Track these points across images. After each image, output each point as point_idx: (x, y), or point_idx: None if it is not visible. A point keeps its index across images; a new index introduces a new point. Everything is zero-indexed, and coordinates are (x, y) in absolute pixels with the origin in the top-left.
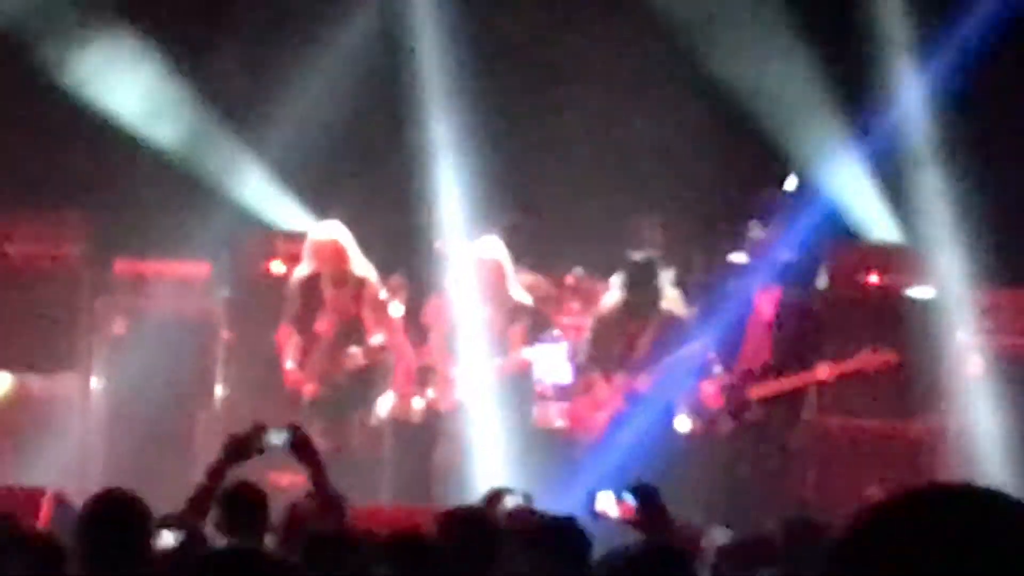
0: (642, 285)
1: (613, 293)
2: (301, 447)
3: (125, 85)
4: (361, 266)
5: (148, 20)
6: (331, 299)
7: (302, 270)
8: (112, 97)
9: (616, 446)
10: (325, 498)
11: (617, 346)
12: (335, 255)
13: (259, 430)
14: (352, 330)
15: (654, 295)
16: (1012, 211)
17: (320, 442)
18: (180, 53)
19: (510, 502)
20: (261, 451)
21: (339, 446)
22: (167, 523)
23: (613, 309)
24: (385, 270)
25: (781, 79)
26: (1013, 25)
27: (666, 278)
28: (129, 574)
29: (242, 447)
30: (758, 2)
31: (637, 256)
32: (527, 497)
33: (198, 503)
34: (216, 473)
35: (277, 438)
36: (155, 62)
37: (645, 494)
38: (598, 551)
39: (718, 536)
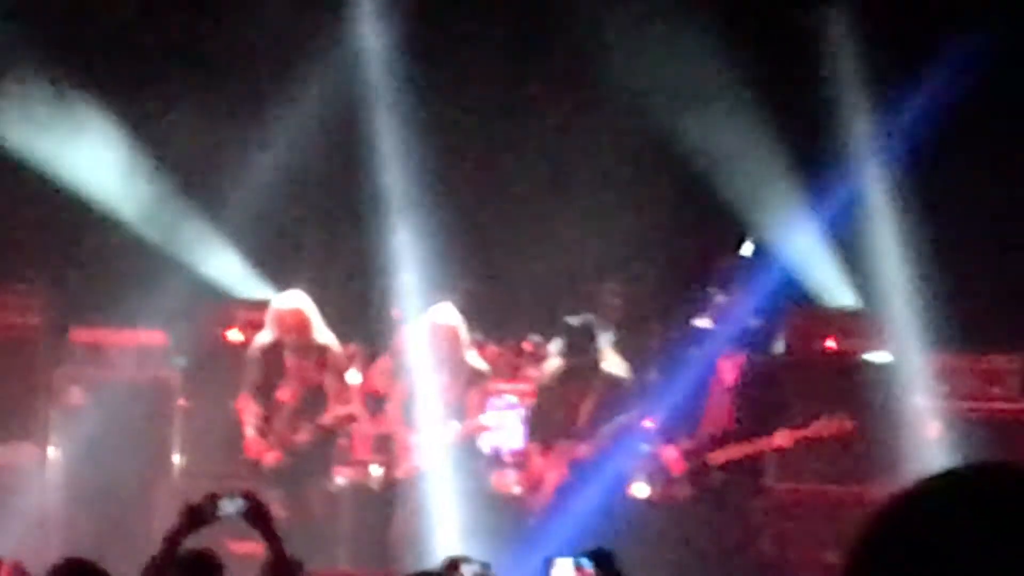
0: (581, 349)
1: (553, 360)
2: (256, 515)
3: (82, 157)
4: (324, 335)
5: (105, 92)
6: (293, 367)
7: (263, 338)
8: (69, 169)
9: (567, 513)
10: (282, 566)
11: (559, 412)
12: (298, 324)
13: (213, 498)
14: (314, 398)
15: (593, 358)
16: (968, 277)
17: (280, 510)
18: (138, 125)
19: (468, 571)
20: (216, 519)
21: (299, 514)
22: None
23: (553, 376)
24: (342, 338)
25: (738, 147)
26: (967, 94)
27: (606, 340)
28: None
29: (197, 515)
30: (715, 73)
31: (574, 320)
32: (485, 565)
33: (156, 571)
34: (172, 540)
35: (232, 506)
36: (112, 134)
37: (602, 560)
38: None
39: None
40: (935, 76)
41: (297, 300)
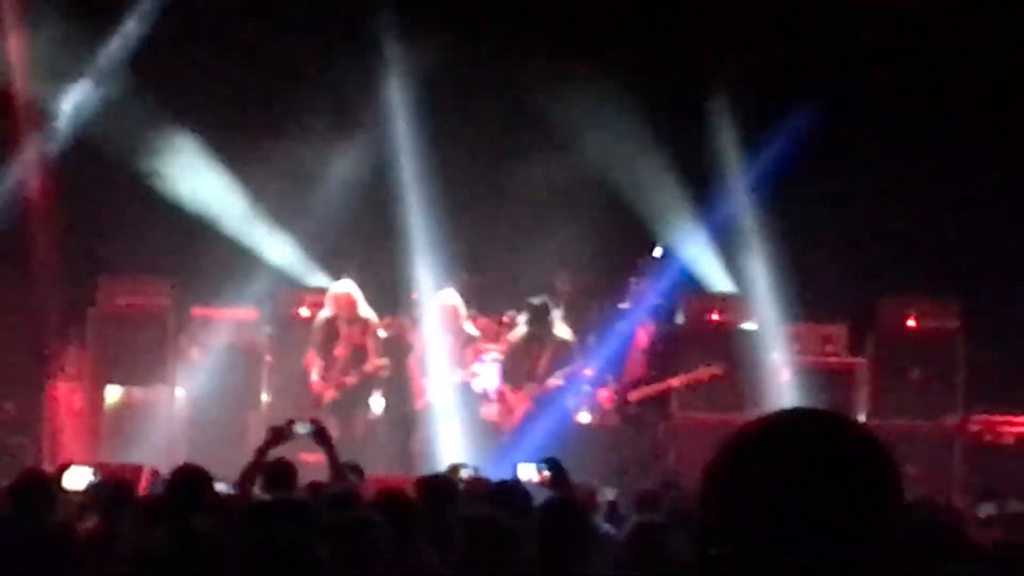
0: (539, 320)
1: (520, 327)
2: (320, 435)
3: (198, 181)
4: (366, 311)
5: (213, 134)
6: (344, 333)
7: (324, 312)
8: (188, 190)
9: (531, 434)
10: (337, 470)
11: (525, 364)
12: (348, 303)
13: (290, 424)
14: (360, 354)
15: (548, 327)
16: (809, 269)
17: (335, 431)
18: (237, 159)
19: (464, 473)
20: (292, 438)
21: (347, 435)
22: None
23: (520, 338)
24: (379, 312)
25: (650, 180)
26: (812, 136)
27: (557, 314)
28: (198, 517)
29: (278, 435)
30: (633, 129)
31: (535, 300)
32: (476, 469)
33: (249, 473)
34: (260, 452)
35: (303, 428)
36: (219, 164)
37: (553, 465)
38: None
39: (608, 493)
40: (785, 129)
41: (348, 287)
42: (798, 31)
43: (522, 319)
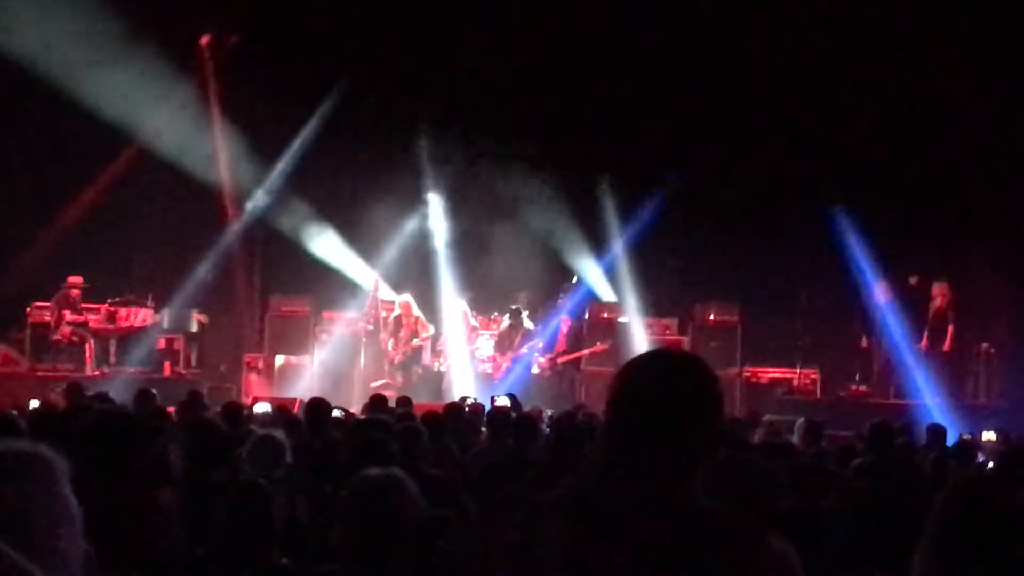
0: (516, 316)
1: (505, 320)
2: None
3: (323, 239)
4: (417, 311)
5: (329, 208)
6: (406, 324)
7: (395, 312)
8: (318, 244)
9: (508, 379)
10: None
11: (507, 341)
12: (408, 307)
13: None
14: (413, 335)
15: (520, 320)
16: (655, 287)
17: (400, 380)
18: (345, 225)
19: (469, 401)
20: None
21: (407, 382)
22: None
23: (505, 328)
24: (424, 312)
25: (567, 233)
26: (670, 204)
27: (525, 314)
28: (327, 428)
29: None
30: (556, 198)
31: (513, 306)
32: (474, 399)
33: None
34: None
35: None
36: (333, 228)
37: (512, 396)
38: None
39: (548, 411)
40: (646, 199)
41: (407, 297)
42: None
43: (506, 317)
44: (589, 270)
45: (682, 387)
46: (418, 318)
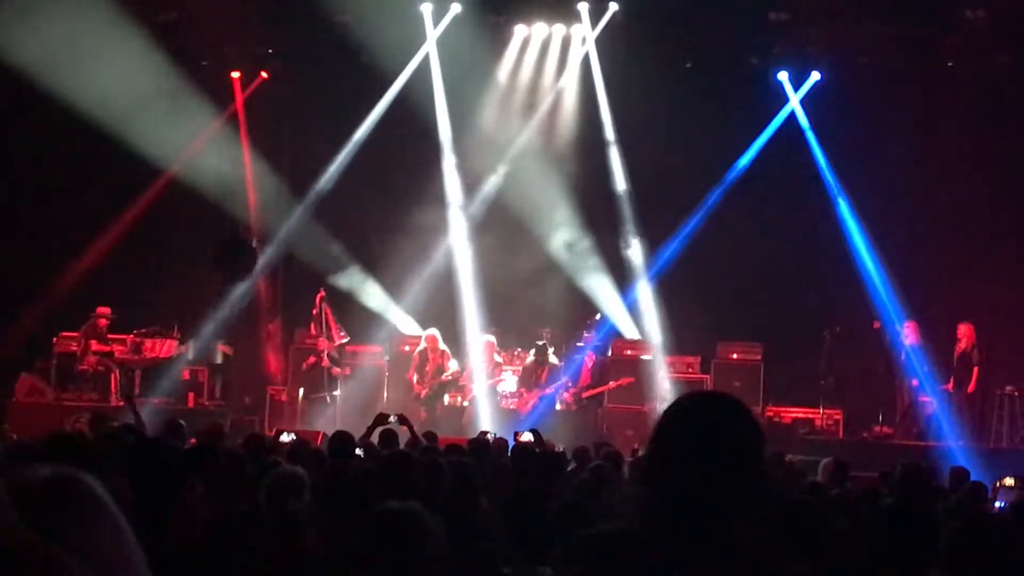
0: (541, 353)
1: (530, 356)
2: (403, 420)
3: (348, 274)
4: (443, 346)
5: (356, 248)
6: (432, 359)
7: (420, 347)
8: (343, 279)
9: (534, 415)
10: (414, 436)
11: (533, 377)
12: (435, 341)
13: (385, 415)
14: (439, 370)
15: (545, 356)
16: (679, 326)
17: (425, 414)
18: (371, 263)
19: (490, 437)
20: (386, 422)
21: (431, 416)
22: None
23: (530, 362)
24: (449, 347)
25: (592, 274)
26: (694, 242)
27: (550, 351)
28: (346, 462)
29: (379, 420)
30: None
31: (538, 342)
32: (494, 434)
33: (363, 439)
34: (370, 429)
35: (392, 417)
36: (361, 264)
37: (535, 432)
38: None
39: (560, 448)
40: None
41: (434, 332)
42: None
43: (531, 352)
44: (613, 307)
45: (734, 426)
46: (444, 352)
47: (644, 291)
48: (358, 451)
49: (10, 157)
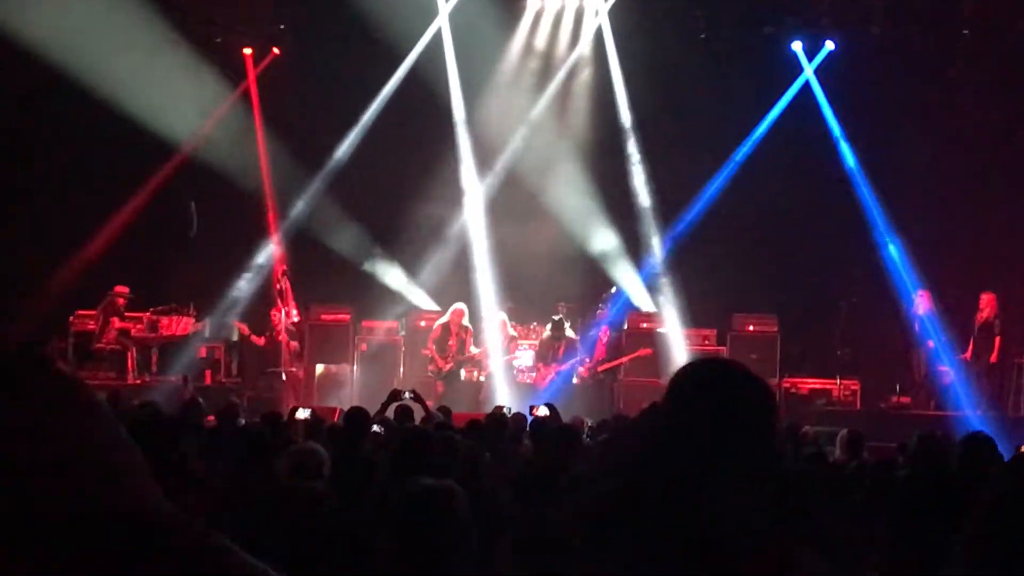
0: (557, 328)
1: (547, 330)
2: (417, 397)
3: (362, 248)
4: (467, 322)
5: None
6: (455, 333)
7: (442, 321)
8: (356, 253)
9: (551, 390)
10: (428, 414)
11: (549, 352)
12: (461, 316)
13: (399, 392)
14: (461, 346)
15: (562, 331)
16: (694, 298)
17: (441, 389)
18: (387, 238)
19: (507, 411)
20: (400, 398)
21: (450, 391)
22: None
23: (547, 337)
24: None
25: (608, 247)
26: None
27: (567, 325)
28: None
29: (393, 397)
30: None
31: (555, 316)
32: (510, 409)
33: (378, 414)
34: (384, 405)
35: (408, 394)
36: (373, 237)
37: (551, 406)
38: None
39: (589, 421)
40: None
41: (462, 306)
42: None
43: (548, 327)
44: (628, 280)
45: (746, 392)
46: (468, 329)
47: (659, 264)
48: (375, 427)
49: (26, 137)
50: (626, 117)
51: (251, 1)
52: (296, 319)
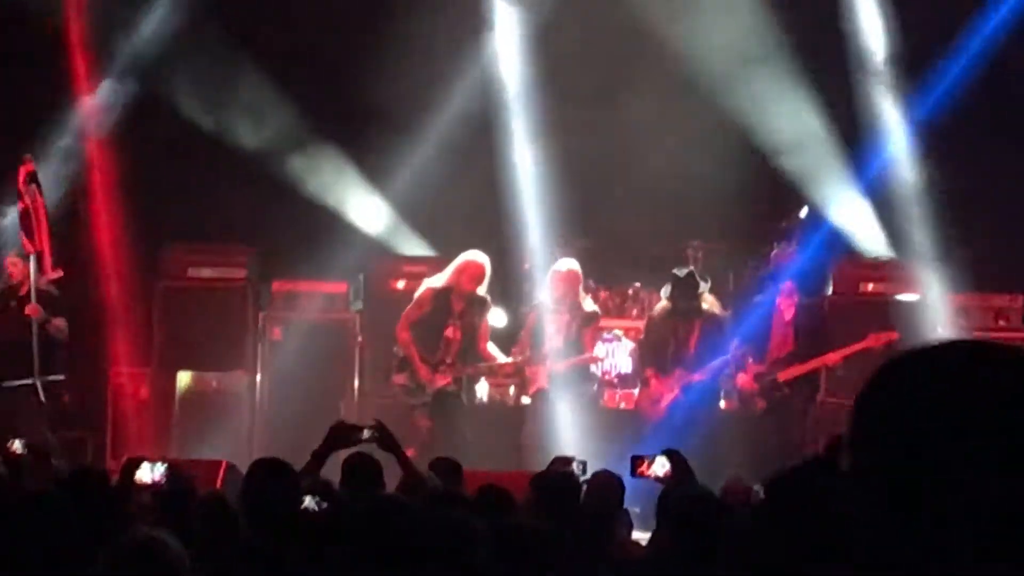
0: (686, 294)
1: (662, 302)
2: (384, 439)
3: (275, 136)
4: (484, 291)
5: (288, 74)
6: (461, 311)
7: (436, 282)
8: (264, 145)
9: (674, 422)
10: (410, 472)
11: (669, 345)
12: (476, 277)
13: (352, 428)
14: (473, 339)
15: (696, 301)
16: (979, 232)
17: (425, 421)
18: (318, 107)
19: (579, 469)
20: (356, 443)
21: (445, 427)
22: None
23: (663, 314)
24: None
25: (795, 128)
26: (982, 78)
27: (704, 287)
28: (281, 519)
29: (339, 436)
30: (776, 68)
31: (681, 271)
32: (581, 463)
33: (311, 475)
34: (321, 457)
35: (367, 433)
36: (298, 115)
37: (673, 455)
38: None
39: (757, 488)
40: (954, 69)
41: (482, 257)
42: None
43: (664, 291)
44: (834, 198)
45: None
46: (488, 302)
47: (901, 163)
48: (306, 500)
49: None
50: None
51: None
52: (54, 275)
